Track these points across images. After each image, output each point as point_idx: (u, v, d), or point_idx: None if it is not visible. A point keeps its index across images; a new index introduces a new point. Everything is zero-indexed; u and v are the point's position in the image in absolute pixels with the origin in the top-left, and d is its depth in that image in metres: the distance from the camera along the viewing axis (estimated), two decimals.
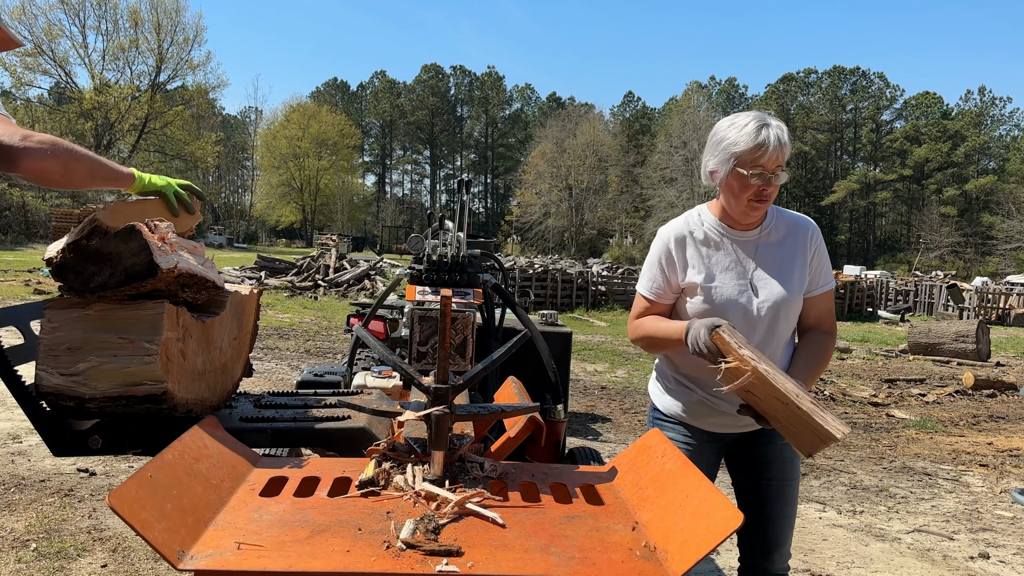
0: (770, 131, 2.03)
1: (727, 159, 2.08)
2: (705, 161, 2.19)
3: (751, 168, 2.04)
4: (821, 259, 2.21)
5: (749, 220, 2.17)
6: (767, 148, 2.02)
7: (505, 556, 1.18)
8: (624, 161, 64.14)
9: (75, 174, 1.85)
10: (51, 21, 41.79)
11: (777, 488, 2.26)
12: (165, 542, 1.12)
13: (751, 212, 2.12)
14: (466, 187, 2.80)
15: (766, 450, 2.27)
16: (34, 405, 1.69)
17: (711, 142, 2.15)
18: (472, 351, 2.46)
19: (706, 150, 2.20)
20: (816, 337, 2.22)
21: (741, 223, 2.19)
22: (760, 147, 2.02)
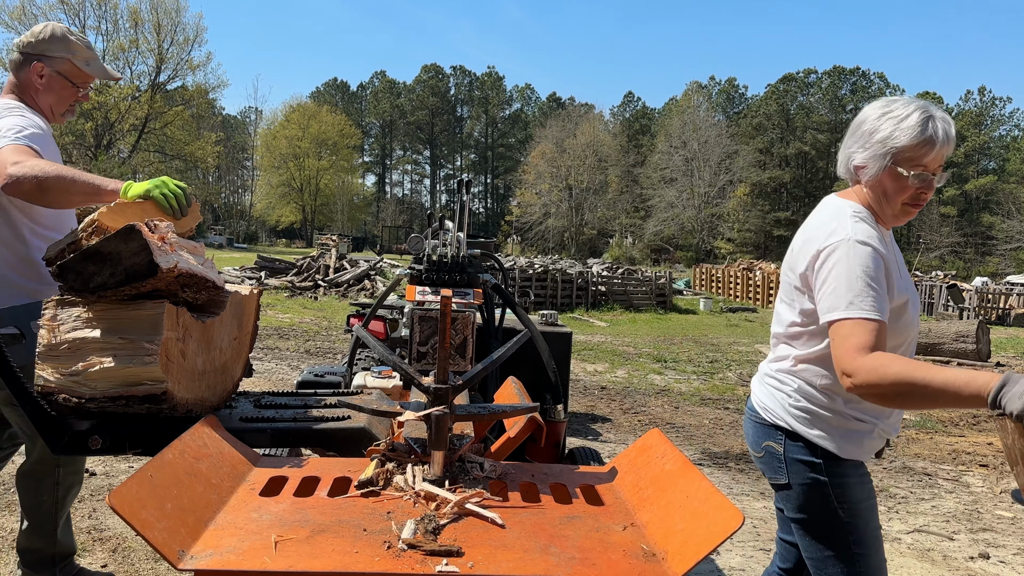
0: (937, 124, 1.77)
1: (882, 155, 1.80)
2: (848, 152, 1.90)
3: (912, 167, 1.78)
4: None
5: (899, 224, 1.90)
6: (934, 145, 1.76)
7: (505, 556, 1.18)
8: (624, 161, 64.17)
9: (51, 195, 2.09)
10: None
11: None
12: (165, 542, 1.12)
13: (903, 217, 1.86)
14: (466, 187, 2.80)
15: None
16: (34, 405, 1.69)
17: (859, 132, 1.87)
18: (472, 351, 2.46)
19: (850, 139, 1.91)
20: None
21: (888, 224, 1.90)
22: (926, 144, 1.76)
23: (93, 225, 1.61)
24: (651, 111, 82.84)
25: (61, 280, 1.55)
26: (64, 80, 2.38)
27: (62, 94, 2.41)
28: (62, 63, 2.35)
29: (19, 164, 2.08)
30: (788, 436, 1.93)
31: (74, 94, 2.44)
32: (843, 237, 1.77)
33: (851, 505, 1.88)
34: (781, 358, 1.98)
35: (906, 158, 1.78)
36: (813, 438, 1.88)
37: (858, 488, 1.90)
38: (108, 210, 1.70)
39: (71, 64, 2.36)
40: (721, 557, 3.70)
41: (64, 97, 2.42)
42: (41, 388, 1.56)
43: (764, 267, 26.66)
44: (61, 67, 2.35)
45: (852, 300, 1.69)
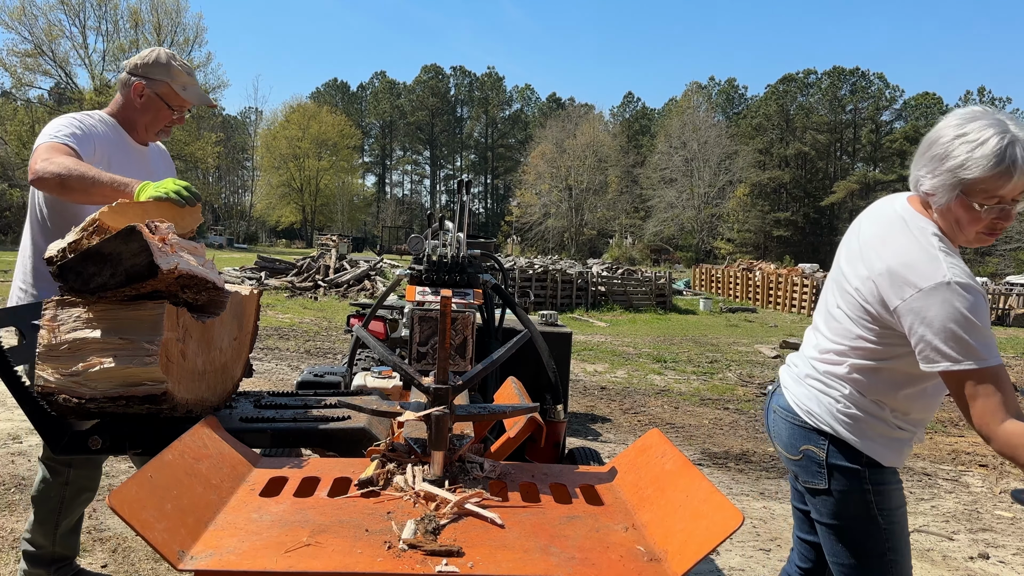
0: (1017, 152, 1.61)
1: (952, 185, 1.68)
2: (917, 175, 1.80)
3: (986, 199, 1.66)
4: None
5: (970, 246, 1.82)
6: (1011, 176, 1.61)
7: (505, 556, 1.18)
8: (624, 161, 64.20)
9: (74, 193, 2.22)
10: (51, 21, 41.76)
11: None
12: (165, 542, 1.12)
13: (975, 243, 1.77)
14: (466, 187, 2.81)
15: None
16: (34, 405, 1.69)
17: (929, 154, 1.76)
18: (472, 351, 2.46)
19: (920, 159, 1.80)
20: None
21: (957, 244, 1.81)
22: (1003, 175, 1.62)
23: (94, 224, 1.61)
24: (651, 111, 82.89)
25: (61, 280, 1.55)
26: (160, 102, 2.53)
27: (158, 115, 2.55)
28: (161, 85, 2.51)
29: (47, 161, 2.21)
30: (832, 442, 1.90)
31: (169, 116, 2.58)
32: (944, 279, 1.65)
33: (889, 512, 1.88)
34: (833, 362, 1.92)
35: (980, 190, 1.66)
36: (859, 446, 1.86)
37: (897, 494, 1.91)
38: (109, 210, 1.70)
39: (169, 87, 2.51)
40: (721, 557, 3.70)
41: (159, 118, 2.56)
42: (41, 388, 1.56)
43: (764, 267, 26.67)
44: (159, 89, 2.51)
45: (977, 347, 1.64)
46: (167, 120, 2.59)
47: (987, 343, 1.65)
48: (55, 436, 1.71)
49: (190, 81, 2.56)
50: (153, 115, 2.55)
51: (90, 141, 2.46)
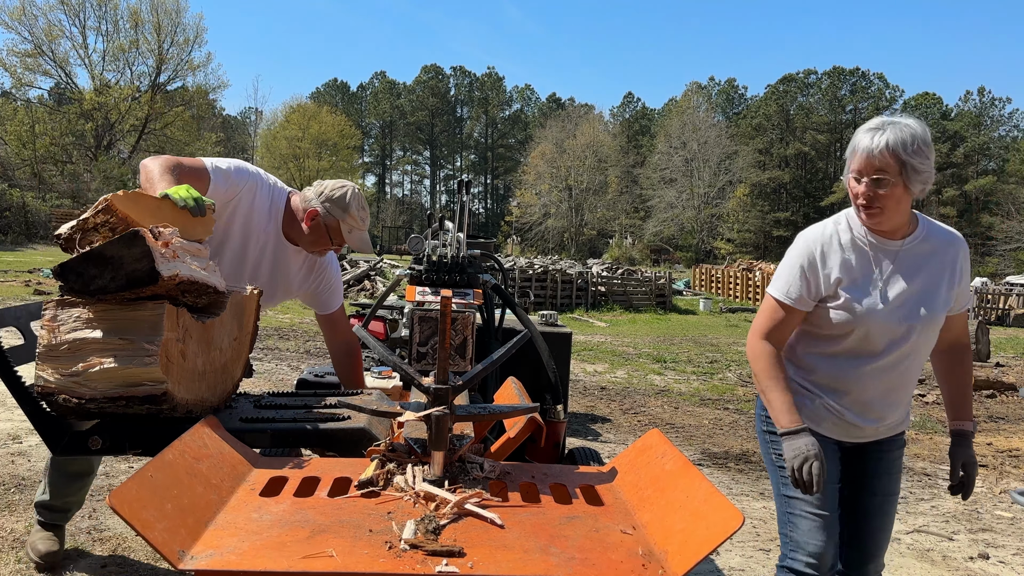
0: (874, 135, 1.96)
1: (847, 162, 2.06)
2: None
3: (853, 172, 2.01)
4: (967, 276, 2.11)
5: (877, 228, 2.06)
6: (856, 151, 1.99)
7: (505, 556, 1.18)
8: (624, 161, 64.20)
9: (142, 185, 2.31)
10: (51, 21, 41.75)
11: (880, 503, 2.22)
12: (165, 542, 1.12)
13: (866, 219, 2.04)
14: (466, 187, 2.81)
15: (876, 465, 2.22)
16: (34, 405, 1.69)
17: None
18: (472, 351, 2.46)
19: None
20: (958, 357, 2.22)
21: (880, 231, 2.07)
22: (855, 151, 2.00)
23: (104, 203, 1.61)
24: (651, 111, 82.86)
25: (61, 280, 1.55)
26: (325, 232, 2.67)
27: (317, 239, 2.69)
28: (332, 220, 2.64)
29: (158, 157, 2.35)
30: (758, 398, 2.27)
31: (328, 245, 2.71)
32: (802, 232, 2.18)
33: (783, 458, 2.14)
34: None
35: (851, 164, 2.03)
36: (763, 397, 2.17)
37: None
38: (124, 194, 1.69)
39: (339, 225, 2.65)
40: (721, 557, 3.70)
41: (317, 242, 2.70)
42: (41, 388, 1.56)
43: (764, 267, 26.65)
44: (329, 222, 2.65)
45: (777, 279, 2.13)
46: (325, 247, 2.73)
47: (783, 278, 2.11)
48: (55, 436, 1.71)
49: (359, 227, 2.69)
50: (313, 239, 2.69)
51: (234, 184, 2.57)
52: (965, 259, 2.11)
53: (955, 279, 2.08)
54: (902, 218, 2.04)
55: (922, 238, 2.09)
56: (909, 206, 2.04)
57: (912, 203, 2.04)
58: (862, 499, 2.23)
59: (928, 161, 1.95)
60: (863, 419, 2.12)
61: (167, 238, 1.62)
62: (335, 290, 2.96)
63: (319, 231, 2.66)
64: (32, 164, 37.07)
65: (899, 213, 2.02)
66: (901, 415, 2.21)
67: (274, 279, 2.80)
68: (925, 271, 2.07)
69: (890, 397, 2.13)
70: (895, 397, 2.14)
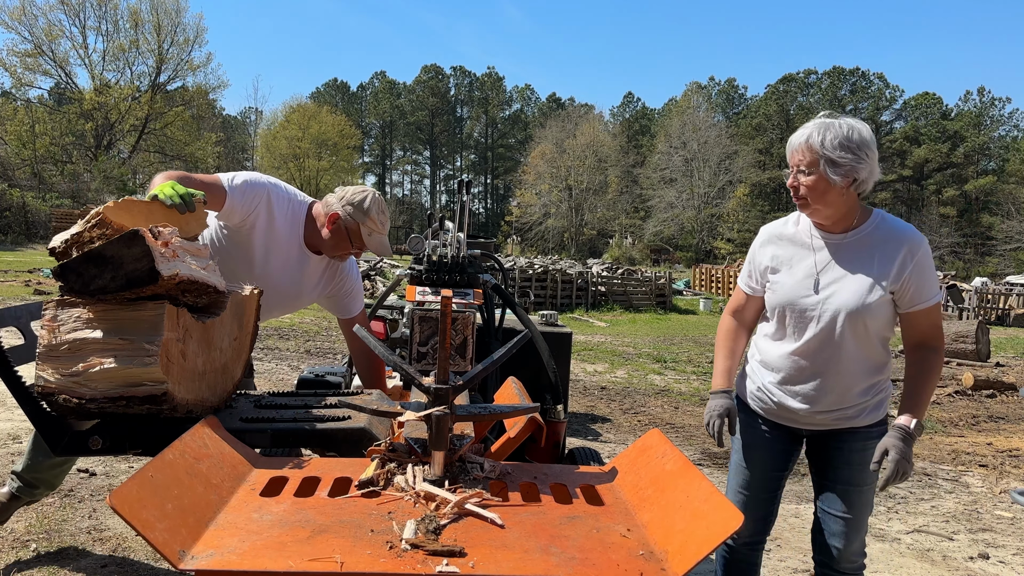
0: (802, 132, 2.16)
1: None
2: None
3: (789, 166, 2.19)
4: (920, 274, 2.12)
5: (814, 219, 2.21)
6: (789, 145, 2.18)
7: (505, 556, 1.18)
8: (624, 161, 64.17)
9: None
10: (51, 21, 41.78)
11: (842, 492, 2.27)
12: (166, 542, 1.12)
13: (799, 209, 2.21)
14: (466, 187, 2.81)
15: (835, 455, 2.28)
16: (34, 405, 1.69)
17: None
18: (472, 351, 2.46)
19: None
20: (919, 356, 2.22)
21: (820, 224, 2.21)
22: (788, 145, 2.19)
23: (97, 217, 1.61)
24: (651, 111, 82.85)
25: (61, 280, 1.55)
26: (345, 235, 2.69)
27: (338, 243, 2.70)
28: (351, 223, 2.67)
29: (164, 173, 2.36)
30: None
31: (348, 249, 2.73)
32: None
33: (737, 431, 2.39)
34: None
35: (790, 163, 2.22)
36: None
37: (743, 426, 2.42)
38: (115, 204, 1.70)
39: (359, 228, 2.67)
40: None
41: (337, 246, 2.71)
42: (41, 388, 1.56)
43: None
44: (349, 225, 2.67)
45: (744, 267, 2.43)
46: (346, 252, 2.74)
47: (745, 267, 2.42)
48: (55, 436, 1.71)
49: (379, 231, 2.71)
50: (334, 243, 2.70)
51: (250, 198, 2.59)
52: (920, 256, 2.12)
53: (892, 274, 2.11)
54: (834, 210, 2.13)
55: (867, 232, 2.16)
56: (841, 199, 2.11)
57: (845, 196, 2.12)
58: (824, 487, 2.32)
59: (850, 156, 2.05)
60: (793, 400, 2.26)
61: (167, 238, 1.62)
62: (355, 294, 2.97)
63: (340, 235, 2.68)
64: (32, 164, 37.07)
65: (827, 204, 2.12)
66: (848, 406, 2.22)
67: (298, 288, 2.82)
68: (863, 264, 2.13)
69: (822, 383, 2.20)
70: (828, 384, 2.20)
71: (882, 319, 2.15)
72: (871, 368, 2.21)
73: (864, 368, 2.20)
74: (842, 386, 2.21)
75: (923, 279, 2.12)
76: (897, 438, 2.08)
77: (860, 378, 2.20)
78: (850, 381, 2.20)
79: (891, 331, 2.22)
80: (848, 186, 2.09)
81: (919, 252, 2.12)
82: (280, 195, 2.68)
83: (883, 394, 2.27)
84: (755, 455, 2.40)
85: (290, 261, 2.75)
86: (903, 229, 2.17)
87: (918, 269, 2.11)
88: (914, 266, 2.11)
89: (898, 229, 2.16)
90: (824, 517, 2.31)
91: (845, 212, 2.15)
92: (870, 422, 2.25)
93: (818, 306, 2.17)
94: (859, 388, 2.21)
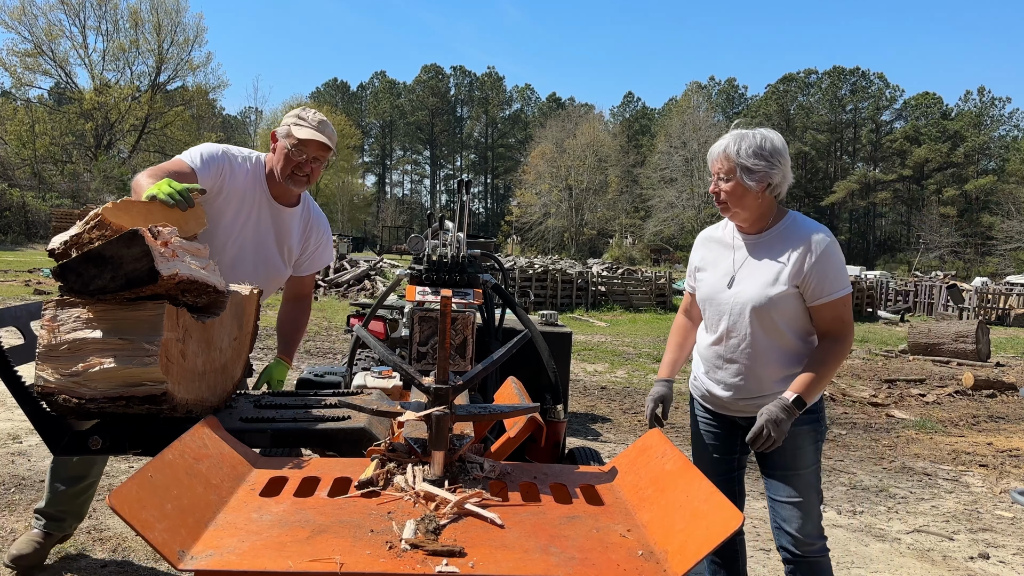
0: (720, 142, 2.35)
1: None
2: None
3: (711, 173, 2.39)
4: (822, 269, 2.25)
5: (735, 221, 2.42)
6: (710, 155, 2.39)
7: (505, 556, 1.18)
8: (624, 161, 64.16)
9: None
10: (51, 21, 41.80)
11: (781, 477, 2.40)
12: (165, 542, 1.12)
13: (723, 213, 2.41)
14: (466, 187, 2.80)
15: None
16: (34, 405, 1.68)
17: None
18: (472, 351, 2.46)
19: None
20: (823, 345, 2.33)
21: (743, 226, 2.41)
22: (709, 154, 2.40)
23: (96, 219, 1.61)
24: (651, 111, 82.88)
25: (61, 280, 1.55)
26: (286, 148, 2.66)
27: (286, 161, 2.67)
28: (284, 130, 2.67)
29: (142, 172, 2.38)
30: None
31: (294, 159, 2.66)
32: None
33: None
34: None
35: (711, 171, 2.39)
36: None
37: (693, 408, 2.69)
38: (113, 205, 1.70)
39: (289, 131, 2.65)
40: None
41: (287, 163, 2.66)
42: (41, 388, 1.56)
43: None
44: (283, 133, 2.67)
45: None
46: (295, 164, 2.68)
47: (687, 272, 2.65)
48: (55, 436, 1.71)
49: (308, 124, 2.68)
50: (284, 162, 2.67)
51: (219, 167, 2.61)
52: (822, 252, 2.25)
53: (802, 270, 2.26)
54: (751, 212, 2.33)
55: (779, 232, 2.34)
56: (757, 202, 2.31)
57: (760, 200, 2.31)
58: (765, 475, 2.48)
59: (763, 163, 2.26)
60: (717, 388, 2.47)
61: (166, 237, 1.61)
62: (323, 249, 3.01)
63: (282, 150, 2.68)
64: (32, 164, 37.09)
65: (746, 208, 2.32)
66: (767, 394, 2.34)
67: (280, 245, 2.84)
68: (772, 261, 2.31)
69: (739, 372, 2.39)
70: (744, 373, 2.38)
71: (789, 312, 2.30)
72: (787, 358, 2.34)
73: (779, 357, 2.33)
74: (757, 375, 2.36)
75: (825, 274, 2.25)
76: (774, 406, 2.23)
77: (776, 367, 2.33)
78: (766, 370, 2.35)
79: (809, 324, 2.35)
80: (763, 191, 2.28)
81: (822, 248, 2.26)
82: (236, 157, 2.71)
83: None
84: (700, 440, 2.64)
85: (263, 218, 2.77)
86: (810, 227, 2.33)
87: (820, 264, 2.25)
88: (816, 261, 2.25)
89: (805, 227, 2.33)
90: (773, 505, 2.43)
91: (761, 214, 2.34)
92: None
93: (730, 300, 2.36)
94: (777, 377, 2.34)
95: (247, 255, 2.76)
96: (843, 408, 8.19)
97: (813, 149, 68.80)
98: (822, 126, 69.29)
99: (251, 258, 2.77)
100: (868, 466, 5.82)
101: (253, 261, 2.78)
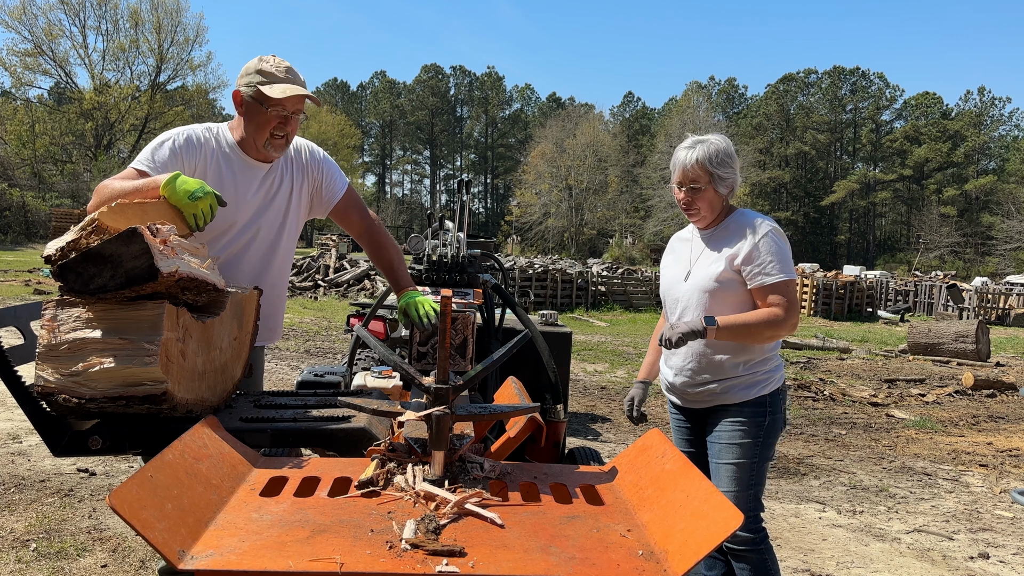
0: (688, 152, 2.48)
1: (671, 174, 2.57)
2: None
3: (675, 183, 2.55)
4: (761, 253, 2.41)
5: (698, 225, 2.60)
6: (675, 166, 2.52)
7: (505, 556, 1.18)
8: (624, 161, 64.13)
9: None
10: (51, 21, 41.79)
11: (715, 468, 2.54)
12: (165, 542, 1.12)
13: (690, 219, 2.61)
14: (466, 187, 2.81)
15: (710, 431, 2.58)
16: (34, 405, 1.68)
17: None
18: (472, 351, 2.46)
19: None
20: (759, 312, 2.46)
21: (699, 224, 2.61)
22: (675, 165, 2.53)
23: (93, 224, 1.60)
24: (651, 111, 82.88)
25: (61, 280, 1.55)
26: (255, 105, 2.32)
27: (258, 121, 2.34)
28: (249, 89, 2.31)
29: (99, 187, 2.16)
30: None
31: (270, 121, 2.33)
32: None
33: None
34: None
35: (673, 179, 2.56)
36: None
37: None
38: (109, 210, 1.70)
39: (258, 90, 2.30)
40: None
41: (261, 124, 2.34)
42: (41, 388, 1.56)
43: None
44: (251, 93, 2.31)
45: None
46: (270, 126, 2.35)
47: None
48: (55, 436, 1.71)
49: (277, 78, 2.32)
50: (255, 123, 2.34)
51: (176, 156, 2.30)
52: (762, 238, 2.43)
53: (741, 252, 2.43)
54: (714, 212, 2.54)
55: (727, 224, 2.53)
56: (720, 202, 2.53)
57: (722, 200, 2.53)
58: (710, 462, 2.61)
59: (731, 170, 2.49)
60: (672, 374, 2.61)
61: (165, 235, 1.61)
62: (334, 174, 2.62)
63: (250, 108, 2.34)
64: (32, 164, 37.10)
65: (713, 210, 2.52)
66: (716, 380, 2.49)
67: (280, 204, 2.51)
68: (720, 251, 2.49)
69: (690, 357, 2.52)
70: (696, 357, 2.51)
71: (736, 296, 2.45)
72: (737, 345, 2.46)
73: (729, 345, 2.46)
74: (707, 361, 2.49)
75: (764, 258, 2.41)
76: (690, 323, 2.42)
77: (726, 353, 2.47)
78: (716, 357, 2.48)
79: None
80: (728, 192, 2.51)
81: (760, 234, 2.44)
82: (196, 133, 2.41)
83: (756, 376, 2.49)
84: (672, 432, 2.78)
85: (248, 180, 2.44)
86: (753, 217, 2.52)
87: (759, 249, 2.42)
88: (755, 246, 2.42)
89: (749, 217, 2.52)
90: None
91: (719, 212, 2.56)
92: (739, 400, 2.48)
93: (685, 288, 2.55)
94: (727, 363, 2.47)
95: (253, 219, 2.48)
96: (843, 408, 8.19)
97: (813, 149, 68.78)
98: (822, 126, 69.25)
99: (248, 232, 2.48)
100: (868, 466, 5.82)
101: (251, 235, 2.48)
